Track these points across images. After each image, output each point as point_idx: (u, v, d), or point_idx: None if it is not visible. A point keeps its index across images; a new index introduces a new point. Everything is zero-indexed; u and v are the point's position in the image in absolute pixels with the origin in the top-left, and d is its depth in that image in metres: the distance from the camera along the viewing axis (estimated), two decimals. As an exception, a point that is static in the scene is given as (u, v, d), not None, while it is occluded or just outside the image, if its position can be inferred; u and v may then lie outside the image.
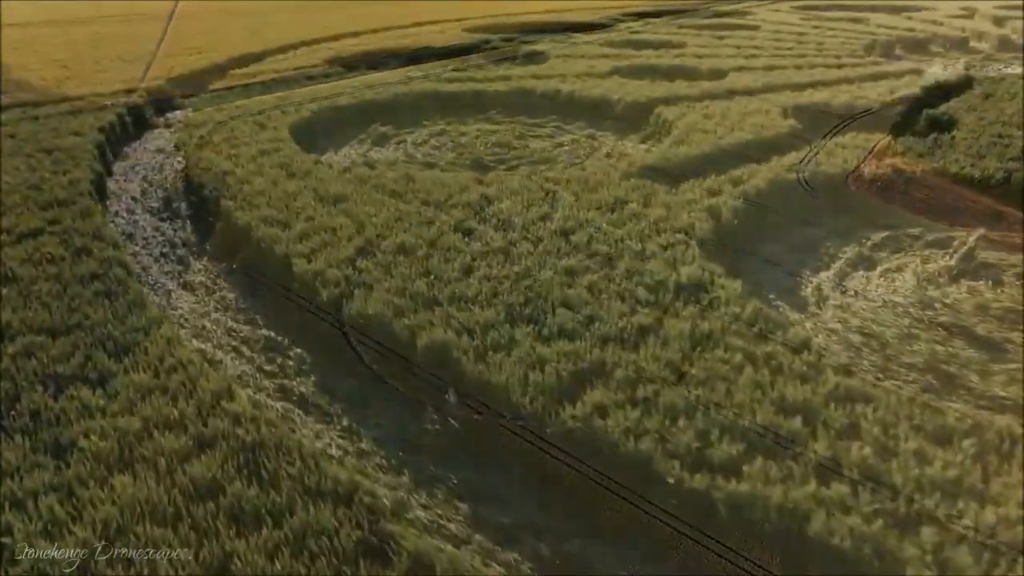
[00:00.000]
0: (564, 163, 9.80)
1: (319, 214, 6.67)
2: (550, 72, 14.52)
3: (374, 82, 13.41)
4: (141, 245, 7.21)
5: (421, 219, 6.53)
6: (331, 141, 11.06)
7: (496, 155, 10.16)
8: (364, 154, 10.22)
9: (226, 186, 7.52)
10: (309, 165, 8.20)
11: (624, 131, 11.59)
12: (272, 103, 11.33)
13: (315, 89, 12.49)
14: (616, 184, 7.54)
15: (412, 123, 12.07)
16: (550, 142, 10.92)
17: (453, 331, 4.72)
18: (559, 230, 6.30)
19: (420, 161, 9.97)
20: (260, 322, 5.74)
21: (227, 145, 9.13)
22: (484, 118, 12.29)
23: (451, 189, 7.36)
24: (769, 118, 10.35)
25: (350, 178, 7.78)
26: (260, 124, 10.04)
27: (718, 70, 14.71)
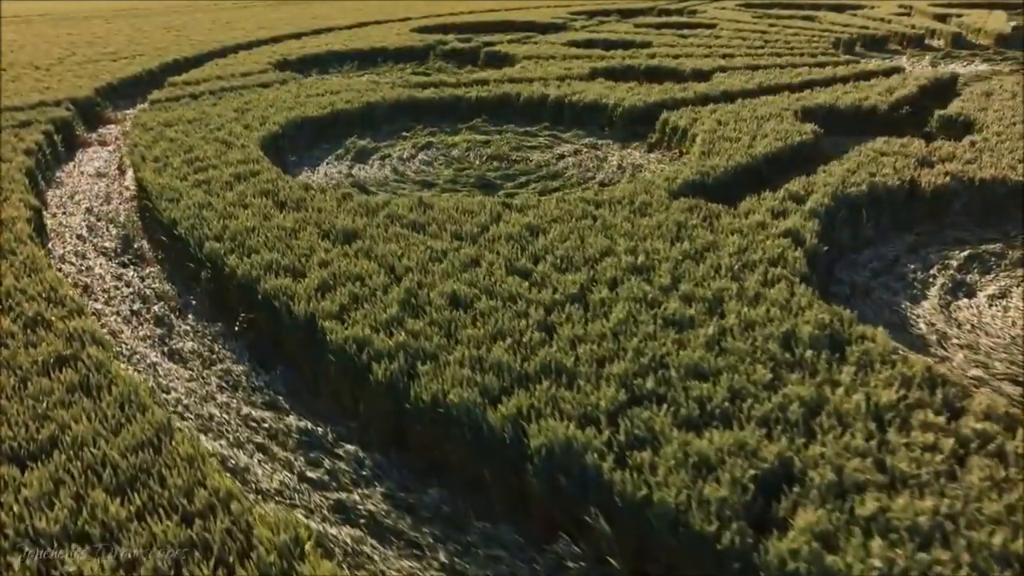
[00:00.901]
0: (576, 178, 8.81)
1: (334, 257, 5.43)
2: (526, 75, 13.50)
3: (338, 88, 12.05)
4: (103, 301, 5.77)
5: (462, 259, 5.38)
6: (306, 158, 9.72)
7: (497, 170, 9.06)
8: (348, 173, 8.93)
9: (204, 221, 6.16)
10: (300, 192, 6.90)
11: (626, 139, 10.69)
12: (231, 115, 9.87)
13: (274, 97, 11.05)
14: (665, 205, 6.59)
15: (391, 134, 10.83)
16: (550, 153, 9.90)
17: (571, 421, 3.64)
18: (632, 267, 5.27)
19: (413, 179, 8.77)
20: (285, 405, 4.48)
21: (190, 168, 7.69)
22: (469, 127, 11.16)
23: (480, 218, 6.23)
24: (787, 123, 9.64)
25: (354, 207, 6.53)
26: (224, 141, 8.62)
27: (700, 71, 14.03)
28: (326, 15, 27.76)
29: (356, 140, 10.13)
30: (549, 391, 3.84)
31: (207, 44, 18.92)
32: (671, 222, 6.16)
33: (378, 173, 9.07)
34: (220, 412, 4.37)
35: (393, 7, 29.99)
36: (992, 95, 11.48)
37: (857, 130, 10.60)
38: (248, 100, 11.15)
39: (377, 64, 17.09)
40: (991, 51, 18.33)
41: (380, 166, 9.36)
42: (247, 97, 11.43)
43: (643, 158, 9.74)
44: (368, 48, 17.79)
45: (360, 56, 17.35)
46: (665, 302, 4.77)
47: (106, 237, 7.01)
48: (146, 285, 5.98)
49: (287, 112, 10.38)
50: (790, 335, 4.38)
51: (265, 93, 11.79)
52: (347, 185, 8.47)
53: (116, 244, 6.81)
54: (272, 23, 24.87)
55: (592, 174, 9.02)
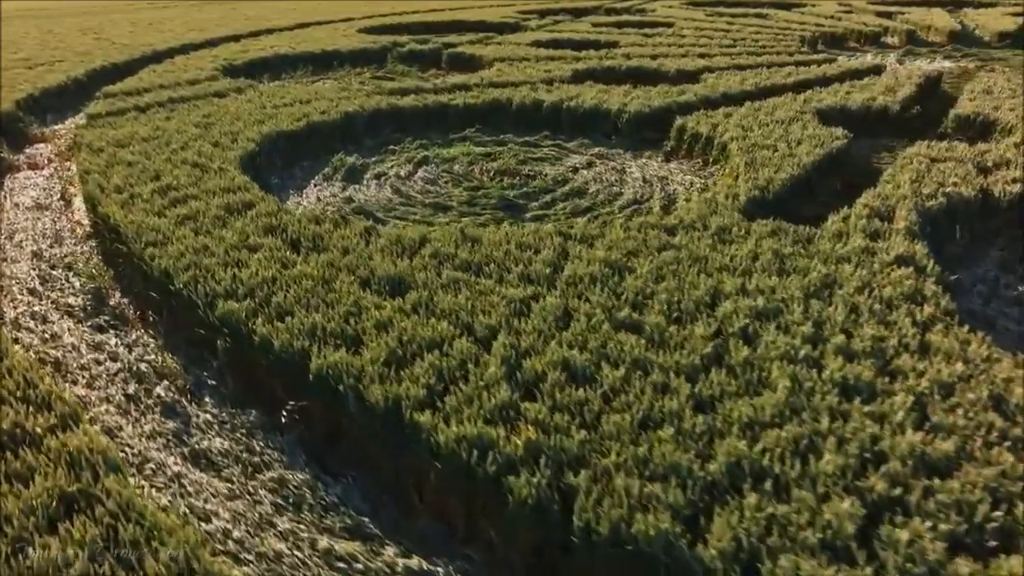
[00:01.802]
0: (603, 195, 7.90)
1: (391, 315, 4.32)
2: (507, 79, 12.50)
3: (306, 96, 10.76)
4: (85, 382, 4.48)
5: (551, 311, 4.38)
6: (287, 178, 8.45)
7: (513, 188, 8.06)
8: (346, 197, 7.74)
9: (207, 272, 4.93)
10: (312, 227, 5.73)
11: (636, 147, 9.85)
12: (193, 131, 8.50)
13: (236, 108, 9.70)
14: (745, 229, 5.75)
15: (376, 148, 9.66)
16: (561, 165, 8.95)
17: (816, 556, 2.72)
18: (755, 312, 4.39)
19: (423, 202, 7.66)
20: (374, 530, 3.36)
21: (164, 199, 6.38)
22: (462, 138, 10.10)
23: (545, 254, 5.23)
24: (812, 127, 9.00)
25: (387, 245, 5.41)
26: (196, 164, 7.30)
27: (685, 71, 13.38)
28: (259, 15, 25.97)
29: (343, 156, 8.91)
30: (761, 509, 2.89)
31: (135, 48, 17.10)
32: (766, 250, 5.32)
33: (379, 195, 7.91)
34: (290, 548, 3.23)
35: (330, 7, 28.39)
36: (992, 92, 11.23)
37: (869, 132, 10.12)
38: (207, 113, 9.74)
39: (332, 68, 15.75)
40: (949, 48, 18.46)
41: (378, 186, 8.19)
42: (205, 109, 10.00)
43: (664, 168, 8.92)
44: (320, 51, 16.39)
45: (312, 60, 15.95)
46: (825, 361, 3.90)
47: (68, 291, 5.64)
48: (138, 357, 4.70)
49: (258, 126, 9.06)
50: (998, 398, 3.59)
51: (224, 104, 10.38)
52: (349, 212, 7.29)
53: (84, 301, 5.46)
54: (202, 24, 22.98)
55: (618, 188, 8.12)
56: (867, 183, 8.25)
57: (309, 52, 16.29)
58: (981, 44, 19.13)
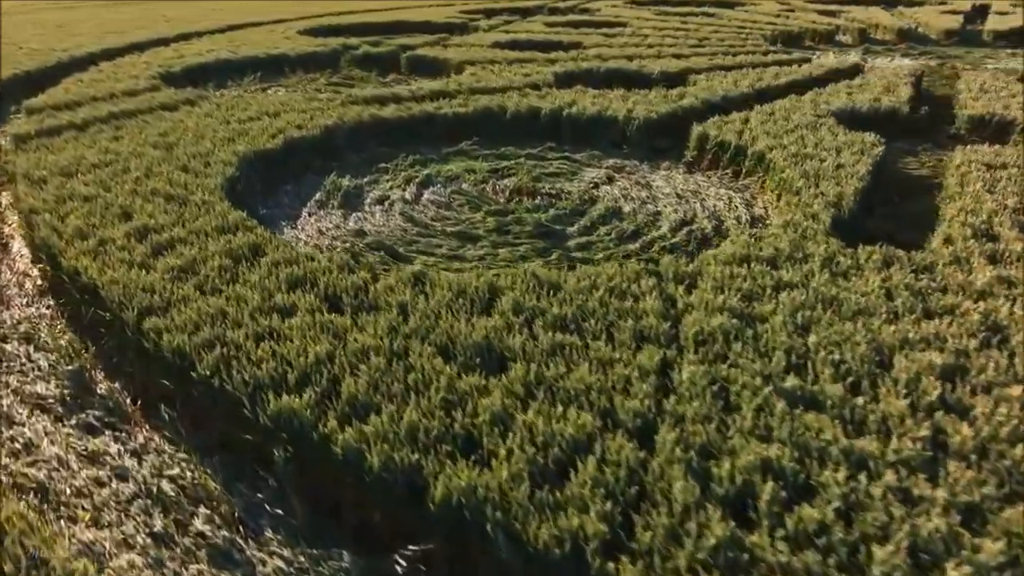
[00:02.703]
0: (642, 216, 7.05)
1: (508, 407, 3.34)
2: (487, 84, 11.52)
3: (273, 108, 9.49)
4: (88, 516, 3.29)
5: (702, 385, 3.48)
6: (276, 205, 7.24)
7: (539, 210, 7.11)
8: (354, 229, 6.61)
9: (238, 351, 3.79)
10: (347, 278, 4.64)
11: (649, 157, 9.07)
12: (153, 153, 7.19)
13: (195, 124, 8.38)
14: (854, 258, 5.01)
15: (366, 166, 8.51)
16: (580, 181, 8.07)
17: None
18: (939, 369, 3.63)
19: (444, 231, 6.63)
20: None
21: (145, 245, 5.14)
22: (459, 152, 9.07)
23: (651, 304, 4.32)
24: (840, 132, 8.43)
25: (447, 300, 4.39)
26: (171, 196, 6.04)
27: (669, 74, 12.74)
28: (180, 16, 23.98)
29: (337, 179, 7.73)
30: None
31: (48, 54, 15.15)
32: (897, 284, 4.58)
33: (389, 224, 6.80)
34: None
35: (257, 7, 26.58)
36: (989, 91, 11.03)
37: (881, 134, 9.68)
38: (163, 131, 8.35)
39: (283, 74, 14.35)
40: (904, 46, 18.60)
41: (385, 213, 7.08)
42: (158, 126, 8.60)
43: (691, 181, 8.16)
44: (265, 55, 14.93)
45: (258, 65, 14.50)
46: None
47: (34, 374, 4.35)
48: (155, 472, 3.52)
49: (229, 145, 7.77)
50: None
51: (178, 119, 8.99)
52: (364, 247, 6.17)
53: (60, 388, 4.18)
54: (119, 25, 20.92)
55: (652, 206, 7.30)
56: (911, 193, 7.75)
57: (253, 57, 14.81)
58: (929, 42, 19.35)
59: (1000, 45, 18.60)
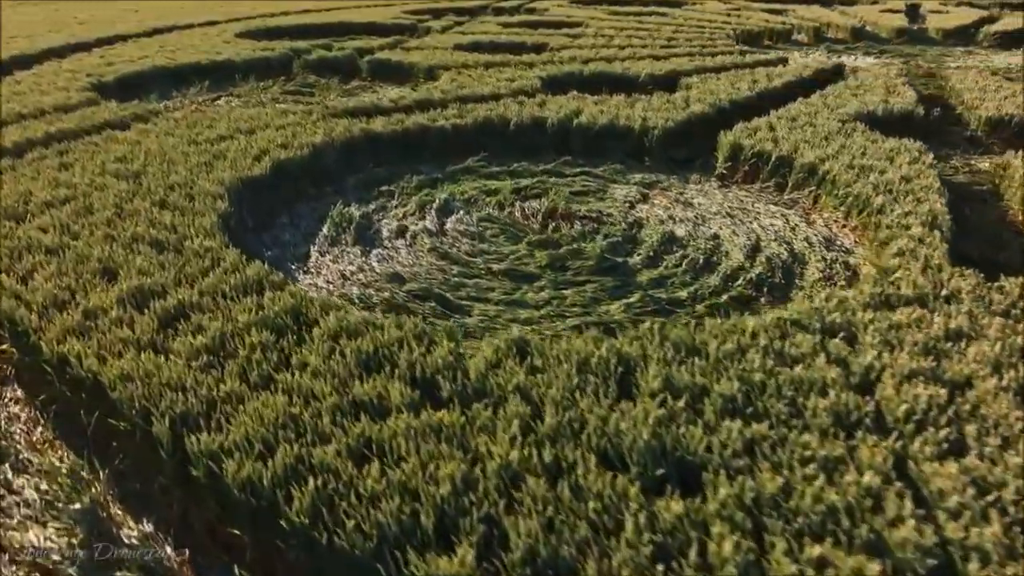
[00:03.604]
0: (697, 241, 6.26)
1: (744, 550, 2.44)
2: (472, 92, 10.54)
3: (248, 124, 8.25)
4: None
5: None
6: (276, 243, 6.09)
7: (586, 239, 6.22)
8: (385, 272, 5.55)
9: (342, 485, 2.75)
10: (433, 353, 3.65)
11: (674, 170, 8.32)
12: (119, 186, 5.96)
13: (157, 146, 7.12)
14: (1006, 300, 4.35)
15: (368, 190, 7.43)
16: (613, 201, 7.22)
17: None
18: None
19: (489, 268, 5.65)
20: None
21: (147, 315, 3.99)
22: (465, 169, 8.07)
23: (830, 374, 3.51)
24: (877, 138, 7.89)
25: (571, 383, 3.45)
26: (165, 244, 4.86)
27: (657, 77, 12.08)
28: (94, 17, 21.87)
29: (345, 209, 6.62)
30: None
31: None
32: None
33: (419, 262, 5.76)
34: None
35: (181, 8, 24.62)
36: (988, 90, 10.83)
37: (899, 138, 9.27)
38: (121, 155, 7.01)
39: (233, 82, 12.92)
40: (863, 44, 18.63)
41: (410, 248, 6.03)
42: (112, 149, 7.25)
43: (733, 197, 7.44)
44: (208, 62, 13.44)
45: (202, 72, 13.02)
46: None
47: (24, 514, 3.15)
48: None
49: (209, 171, 6.55)
50: None
51: (133, 139, 7.64)
52: (406, 297, 5.13)
53: (70, 537, 3.01)
54: (26, 28, 18.75)
55: (707, 228, 6.53)
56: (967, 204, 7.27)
57: (194, 64, 13.30)
58: (881, 40, 19.50)
59: (950, 43, 18.86)
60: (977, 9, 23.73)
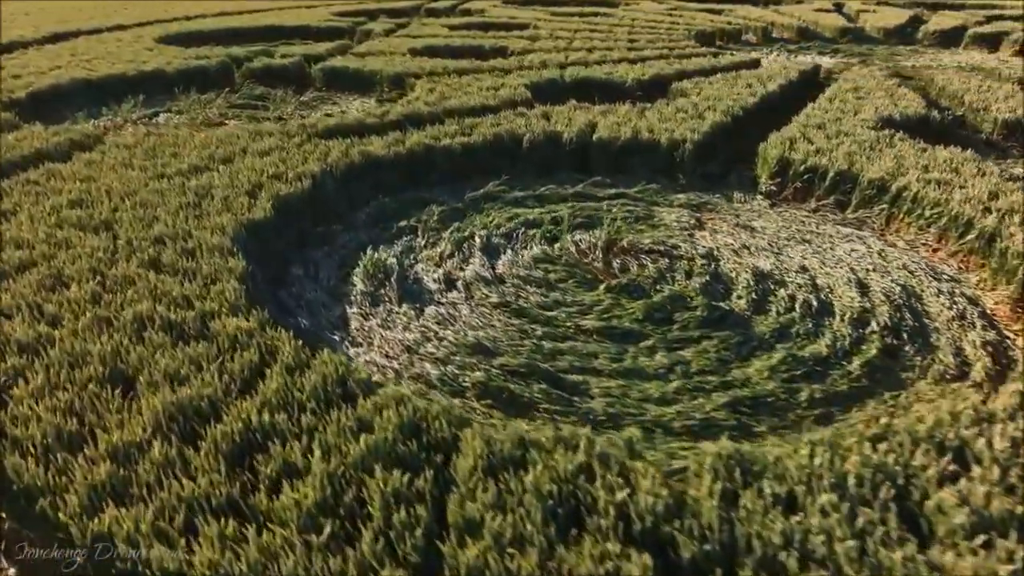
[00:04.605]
0: (800, 279, 5.48)
1: None
2: (460, 105, 9.48)
3: (226, 150, 6.93)
4: None
5: None
6: (300, 305, 4.88)
7: (674, 281, 5.34)
8: (453, 340, 4.47)
9: None
10: (647, 495, 2.64)
11: (713, 187, 7.56)
12: (90, 242, 4.65)
13: (124, 186, 5.80)
14: None
15: (381, 224, 6.28)
16: (669, 229, 6.37)
17: None
18: None
19: (580, 326, 4.67)
20: None
21: (216, 458, 2.79)
22: (486, 196, 7.03)
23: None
24: (929, 153, 7.38)
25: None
26: (184, 330, 3.64)
27: (643, 82, 11.39)
28: None
29: (376, 255, 5.47)
30: None
31: None
32: None
33: (494, 323, 4.70)
34: None
35: (75, 8, 22.20)
36: (988, 91, 10.67)
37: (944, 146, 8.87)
38: (74, 196, 5.58)
39: (169, 95, 11.33)
40: (813, 44, 18.63)
41: (470, 304, 4.95)
42: (60, 189, 5.79)
43: (793, 218, 6.74)
44: (136, 73, 11.76)
45: (130, 85, 11.35)
46: None
47: None
48: None
49: (202, 217, 5.26)
50: None
51: (83, 175, 6.19)
52: (502, 374, 4.07)
53: None
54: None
55: (789, 260, 5.78)
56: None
57: (119, 75, 11.59)
58: (825, 39, 19.60)
59: (893, 42, 19.13)
60: (901, 8, 24.41)
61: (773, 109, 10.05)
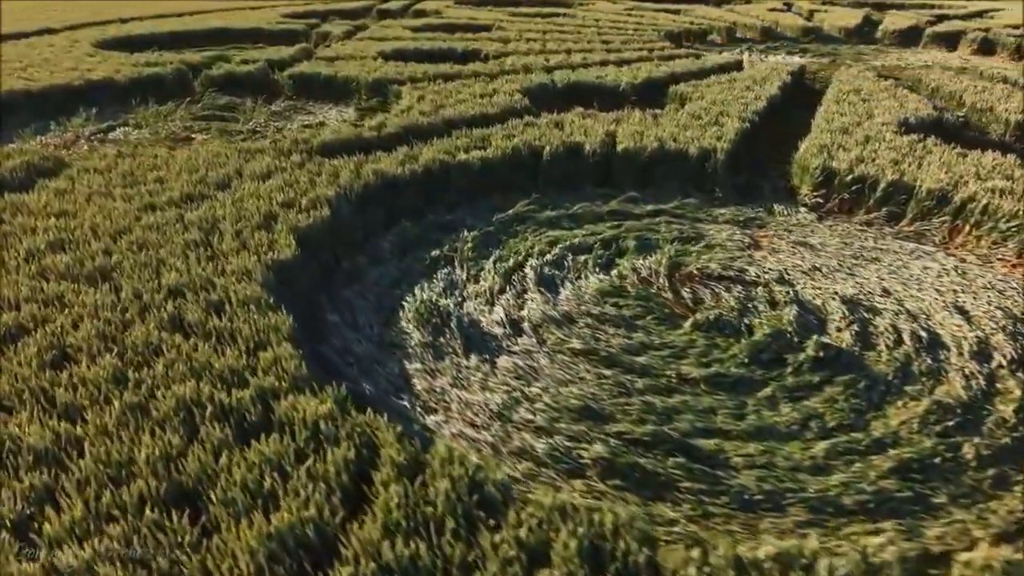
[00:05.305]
0: (895, 309, 5.03)
1: None
2: (459, 115, 8.78)
3: (222, 171, 6.07)
4: None
5: None
6: (349, 359, 4.13)
7: (760, 314, 4.79)
8: (553, 405, 3.80)
9: None
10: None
11: (748, 199, 7.08)
12: (91, 301, 3.79)
13: (114, 223, 4.92)
14: None
15: (409, 255, 5.53)
16: (724, 251, 5.84)
17: None
18: None
19: (683, 376, 4.08)
20: None
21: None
22: (516, 217, 6.36)
23: None
24: (970, 158, 7.08)
25: None
26: (243, 419, 2.87)
27: (636, 86, 10.91)
28: None
29: (423, 296, 4.73)
30: None
31: None
32: None
33: (584, 377, 4.05)
34: None
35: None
36: (984, 91, 10.57)
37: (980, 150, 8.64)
38: (54, 237, 4.67)
39: (126, 107, 10.22)
40: (781, 44, 18.57)
41: (545, 351, 4.27)
42: (35, 227, 4.88)
43: (846, 233, 6.30)
44: (83, 83, 10.60)
45: (77, 96, 10.21)
46: None
47: None
48: None
49: (227, 259, 4.44)
50: None
51: (53, 209, 5.24)
52: (619, 447, 3.42)
53: None
54: None
55: (859, 281, 5.32)
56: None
57: (64, 85, 10.41)
58: (789, 39, 19.62)
59: (855, 42, 19.28)
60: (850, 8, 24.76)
61: (775, 112, 9.72)
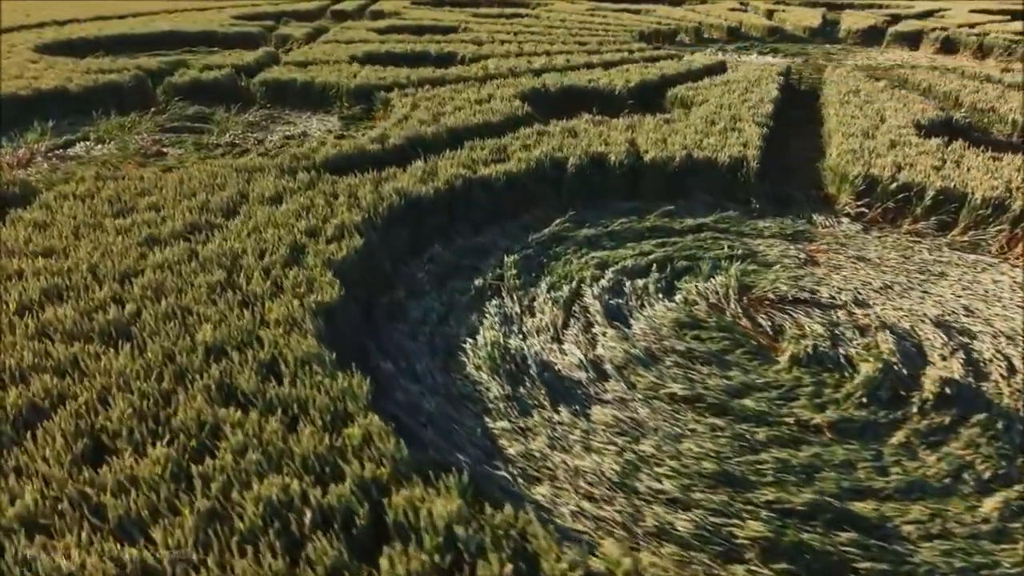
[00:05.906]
0: (994, 333, 4.71)
1: None
2: (462, 124, 8.21)
3: (225, 196, 5.37)
4: None
5: None
6: (420, 419, 3.53)
7: (853, 342, 4.40)
8: (683, 470, 3.28)
9: None
10: None
11: (785, 211, 6.72)
12: (114, 367, 3.10)
13: (99, 258, 4.20)
14: None
15: (449, 286, 4.95)
16: (783, 269, 5.44)
17: None
18: None
19: (803, 439, 3.62)
20: None
21: None
22: (555, 237, 5.84)
23: None
24: (1004, 162, 6.88)
25: None
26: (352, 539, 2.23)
27: (631, 89, 10.54)
28: None
29: (492, 336, 4.16)
30: None
31: None
32: None
33: (696, 428, 3.55)
34: None
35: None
36: (978, 91, 10.54)
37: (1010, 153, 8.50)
38: (49, 283, 3.93)
39: (84, 119, 9.29)
40: (751, 44, 18.52)
41: (638, 397, 3.76)
42: (21, 270, 4.12)
43: (899, 245, 5.99)
44: (32, 93, 9.61)
45: (28, 106, 9.23)
46: None
47: None
48: None
49: (262, 305, 3.79)
50: None
51: (38, 244, 4.48)
52: (775, 521, 2.94)
53: None
54: None
55: (937, 300, 4.99)
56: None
57: (10, 94, 9.42)
58: (756, 39, 19.65)
59: (819, 40, 19.41)
60: (806, 8, 25.04)
61: (776, 115, 9.45)
